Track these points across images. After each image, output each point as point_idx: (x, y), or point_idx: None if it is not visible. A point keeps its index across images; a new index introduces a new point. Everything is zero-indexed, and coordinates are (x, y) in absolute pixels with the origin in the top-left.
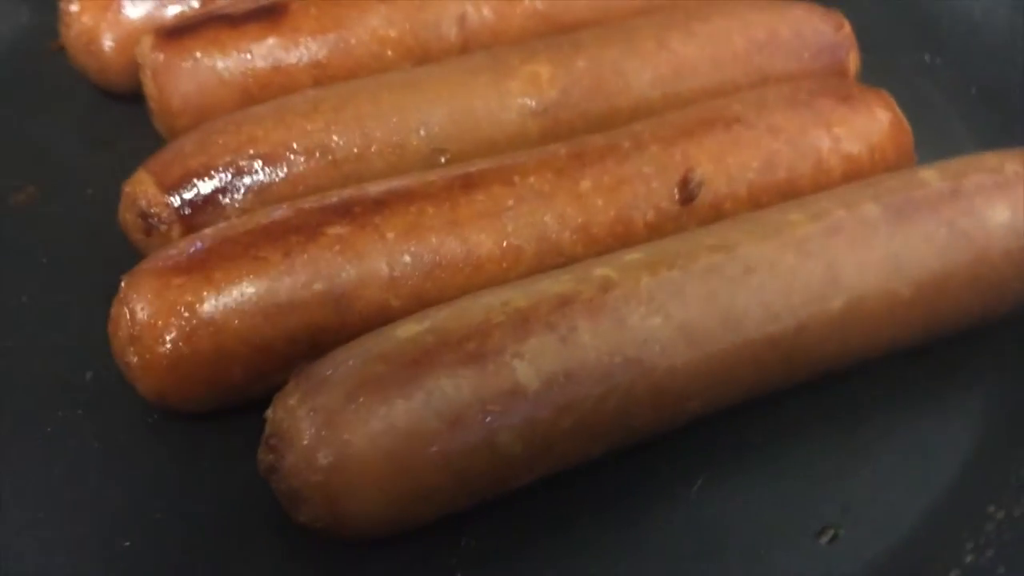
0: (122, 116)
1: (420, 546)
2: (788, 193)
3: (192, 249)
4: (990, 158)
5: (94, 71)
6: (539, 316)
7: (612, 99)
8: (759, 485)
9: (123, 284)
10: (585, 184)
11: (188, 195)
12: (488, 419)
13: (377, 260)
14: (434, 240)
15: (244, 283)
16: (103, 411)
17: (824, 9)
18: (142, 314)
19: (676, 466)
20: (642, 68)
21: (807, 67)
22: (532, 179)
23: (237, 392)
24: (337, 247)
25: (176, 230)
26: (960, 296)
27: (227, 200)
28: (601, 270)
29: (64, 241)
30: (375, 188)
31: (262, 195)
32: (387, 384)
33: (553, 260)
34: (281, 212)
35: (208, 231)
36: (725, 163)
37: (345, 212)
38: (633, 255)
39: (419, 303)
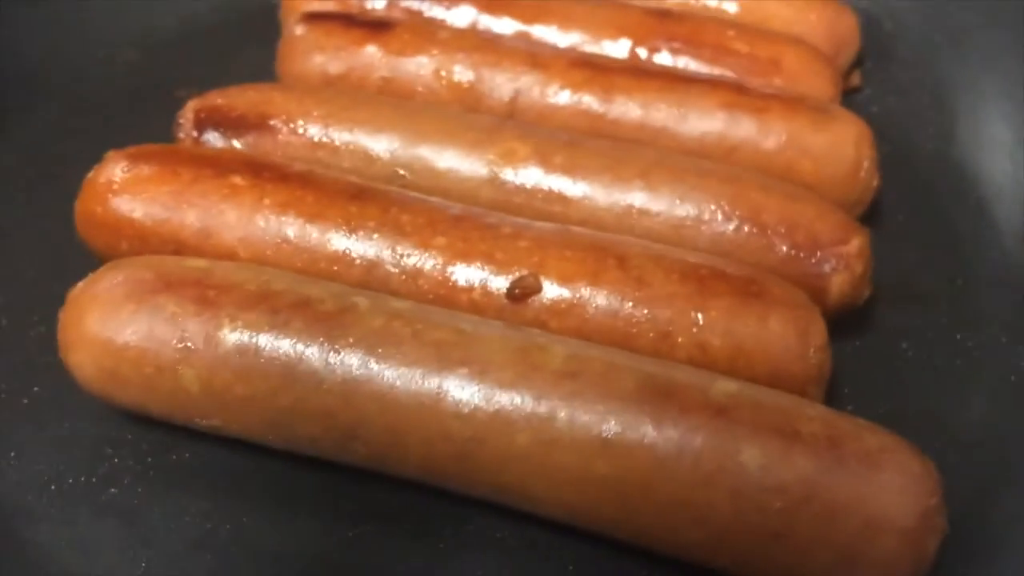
0: None
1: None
2: (620, 346)
3: (154, 151)
4: (809, 409)
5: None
6: (275, 300)
7: (566, 203)
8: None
9: (109, 153)
10: (440, 240)
11: (204, 121)
12: (178, 351)
13: (246, 216)
14: (292, 221)
15: (151, 186)
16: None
17: (844, 220)
18: (94, 175)
19: (349, 505)
20: (610, 188)
21: (777, 263)
22: (404, 217)
23: None
24: (227, 191)
25: (188, 142)
26: (666, 513)
27: (226, 136)
28: (361, 298)
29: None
30: (298, 167)
31: (251, 144)
32: (139, 287)
33: (376, 286)
34: (225, 152)
35: (185, 147)
36: (573, 285)
37: (256, 172)
38: (402, 304)
39: (259, 263)
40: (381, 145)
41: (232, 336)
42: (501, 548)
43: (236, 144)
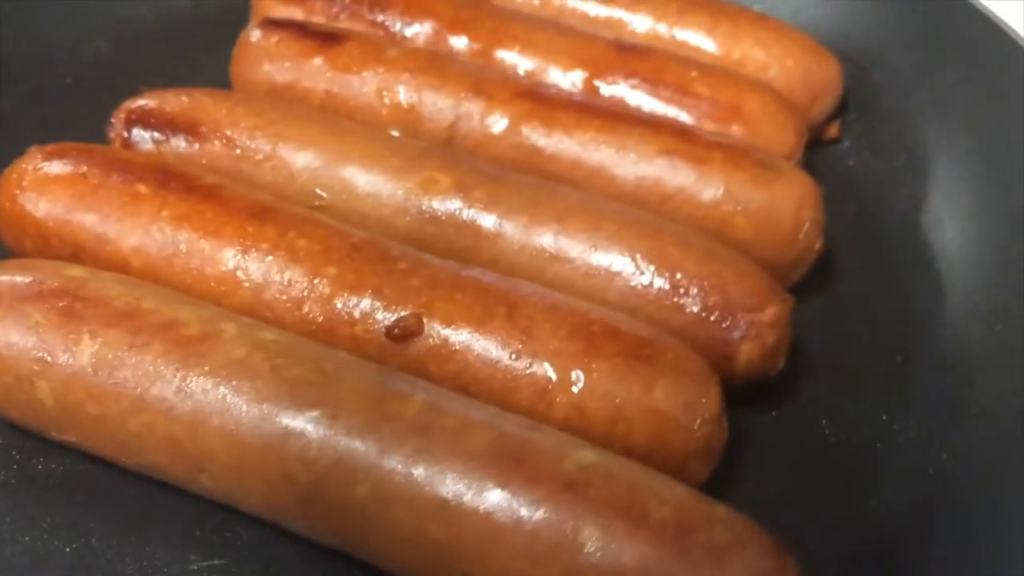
0: None
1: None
2: (498, 399)
3: (71, 149)
4: (666, 490)
5: None
6: (140, 319)
7: (480, 239)
8: None
9: (30, 148)
10: (331, 270)
11: (134, 123)
12: (36, 362)
13: (142, 225)
14: (187, 236)
15: (56, 186)
16: None
17: (764, 286)
18: (10, 169)
19: (204, 536)
20: (526, 229)
21: (685, 325)
22: (301, 242)
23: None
24: (127, 199)
25: (118, 143)
26: None
27: (154, 139)
28: (230, 324)
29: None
30: (209, 179)
31: (177, 150)
32: (11, 292)
33: (260, 311)
34: (139, 157)
35: (102, 149)
36: (457, 330)
37: (163, 181)
38: (271, 335)
39: (150, 276)
40: (303, 163)
41: (89, 353)
42: None
43: (163, 148)
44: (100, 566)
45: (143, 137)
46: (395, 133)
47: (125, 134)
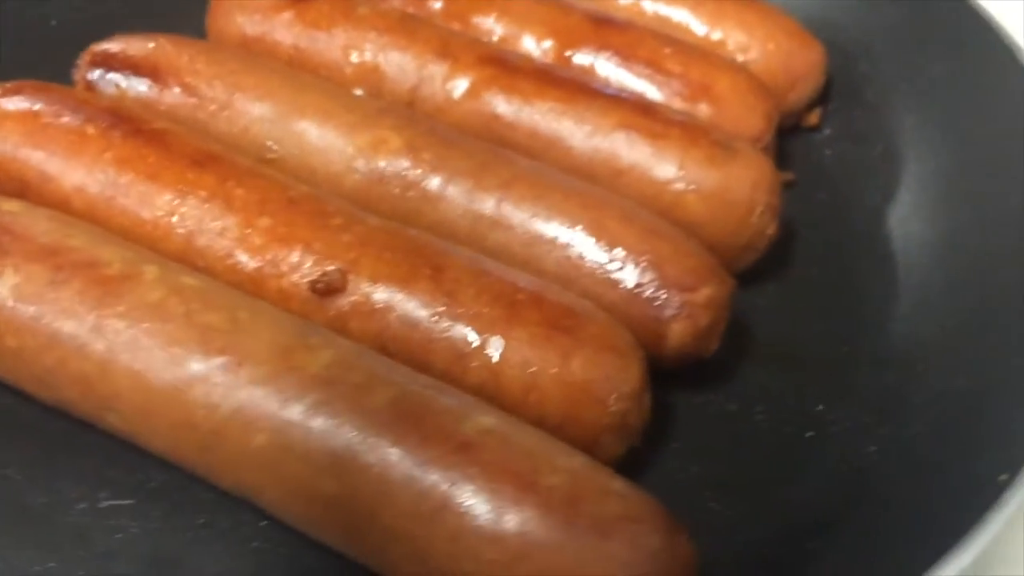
0: None
1: None
2: (417, 360)
3: (28, 87)
4: (562, 460)
5: None
6: (63, 256)
7: (424, 201)
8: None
9: None
10: (264, 221)
11: (97, 65)
12: None
13: (85, 166)
14: (126, 179)
15: (8, 123)
16: None
17: (703, 266)
18: None
19: (116, 475)
20: (470, 193)
21: (618, 300)
22: (238, 191)
23: None
24: (74, 138)
25: (81, 85)
26: (388, 543)
27: (116, 83)
28: (152, 267)
29: None
30: (158, 124)
31: (138, 95)
32: None
33: (192, 258)
34: (93, 99)
35: (58, 89)
36: (380, 289)
37: (112, 123)
38: (192, 280)
39: (89, 216)
40: (258, 114)
41: (10, 285)
42: (249, 549)
43: (125, 92)
44: (10, 497)
45: (105, 80)
46: (358, 92)
47: (89, 76)
